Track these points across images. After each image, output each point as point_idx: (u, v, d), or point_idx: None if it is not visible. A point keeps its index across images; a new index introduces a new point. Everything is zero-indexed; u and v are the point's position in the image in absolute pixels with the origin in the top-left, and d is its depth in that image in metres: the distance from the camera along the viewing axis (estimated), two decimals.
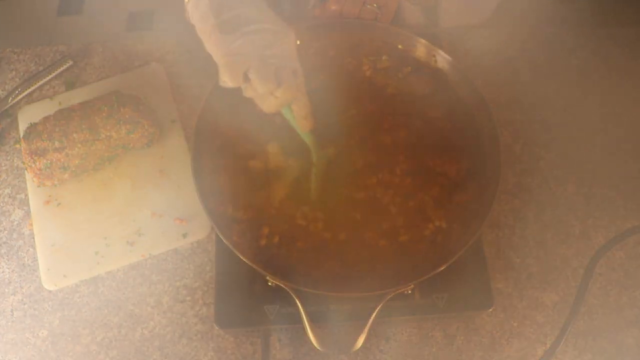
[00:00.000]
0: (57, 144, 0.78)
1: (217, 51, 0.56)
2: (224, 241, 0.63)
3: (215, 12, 0.56)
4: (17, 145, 0.87)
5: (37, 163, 0.78)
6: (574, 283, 0.77)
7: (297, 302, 0.63)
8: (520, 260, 0.79)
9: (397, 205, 0.69)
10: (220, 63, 0.57)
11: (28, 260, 0.79)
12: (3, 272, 0.78)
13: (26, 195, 0.83)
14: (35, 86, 0.90)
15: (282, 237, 0.66)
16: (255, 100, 0.61)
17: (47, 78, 0.91)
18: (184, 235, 0.79)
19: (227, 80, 0.57)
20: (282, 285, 0.63)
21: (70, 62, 0.92)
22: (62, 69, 0.91)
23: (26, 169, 0.80)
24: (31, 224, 0.80)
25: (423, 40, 0.77)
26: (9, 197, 0.83)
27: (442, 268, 0.62)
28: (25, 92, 0.90)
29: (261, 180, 0.70)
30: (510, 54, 0.95)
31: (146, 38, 0.94)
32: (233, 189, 0.70)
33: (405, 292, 0.67)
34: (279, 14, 0.99)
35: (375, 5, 0.79)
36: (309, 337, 0.62)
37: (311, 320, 0.62)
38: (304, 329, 0.62)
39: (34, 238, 0.80)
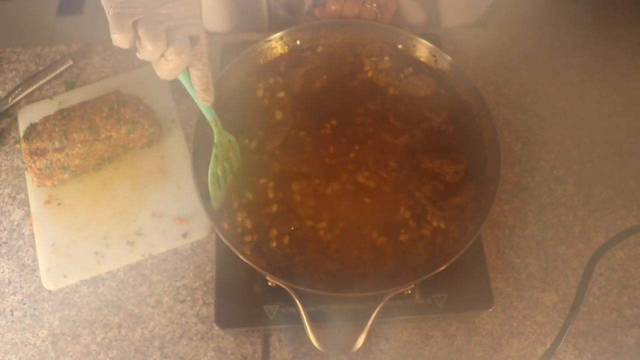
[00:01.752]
0: (57, 144, 0.78)
1: (107, 3, 0.52)
2: (224, 241, 0.63)
3: None
4: (17, 145, 0.87)
5: (37, 163, 0.78)
6: (574, 283, 0.77)
7: (297, 302, 0.62)
8: (520, 260, 0.79)
9: (397, 205, 0.69)
10: (109, 15, 0.52)
11: (28, 260, 0.79)
12: (3, 272, 0.78)
13: (26, 195, 0.83)
14: (35, 86, 0.90)
15: (290, 238, 0.66)
16: (153, 65, 0.56)
17: (47, 78, 0.91)
18: (184, 235, 0.79)
19: (117, 36, 0.52)
20: (282, 285, 0.63)
21: (70, 62, 0.92)
22: (62, 69, 0.91)
23: (26, 169, 0.80)
24: (31, 224, 0.80)
25: (423, 41, 0.77)
26: (9, 197, 0.83)
27: (442, 268, 0.62)
28: (25, 92, 0.90)
29: (261, 180, 0.70)
30: (510, 54, 0.95)
31: None
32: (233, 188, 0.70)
33: (405, 292, 0.67)
34: (274, 18, 0.99)
35: (375, 5, 0.79)
36: (309, 337, 0.62)
37: (311, 320, 0.62)
38: (304, 329, 0.62)
39: (34, 238, 0.80)
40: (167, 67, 0.54)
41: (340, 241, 0.67)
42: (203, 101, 0.61)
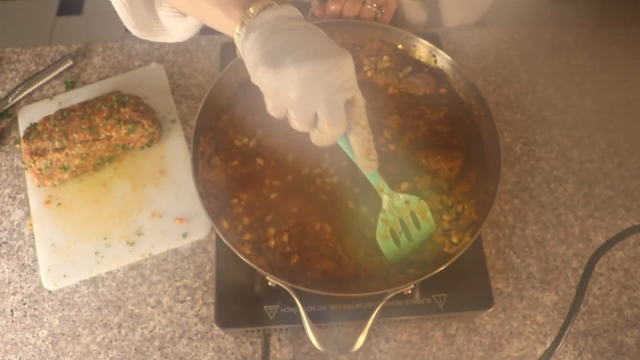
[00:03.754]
0: (57, 144, 0.78)
1: (261, 83, 0.53)
2: (224, 241, 0.63)
3: (260, 44, 0.52)
4: (17, 145, 0.87)
5: (37, 163, 0.78)
6: (574, 283, 0.77)
7: (297, 302, 0.62)
8: (520, 260, 0.79)
9: None
10: (265, 94, 0.54)
11: (28, 260, 0.79)
12: (3, 272, 0.78)
13: (26, 195, 0.83)
14: (35, 86, 0.90)
15: (289, 235, 0.66)
16: (310, 135, 0.56)
17: (47, 78, 0.91)
18: (184, 235, 0.79)
19: (271, 112, 0.54)
20: (282, 285, 0.63)
21: (70, 62, 0.92)
22: (62, 69, 0.91)
23: (26, 169, 0.80)
24: (31, 224, 0.80)
25: (423, 40, 0.77)
26: (9, 197, 0.83)
27: (442, 268, 0.62)
28: (25, 92, 0.90)
29: (262, 180, 0.70)
30: (510, 54, 0.95)
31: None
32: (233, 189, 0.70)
33: (405, 292, 0.67)
34: None
35: (375, 5, 0.79)
36: (309, 337, 0.62)
37: (311, 320, 0.62)
38: (304, 329, 0.62)
39: (34, 238, 0.80)
40: (323, 139, 0.53)
41: (338, 239, 0.67)
42: (366, 167, 0.58)
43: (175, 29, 0.77)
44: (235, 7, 0.55)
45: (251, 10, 0.54)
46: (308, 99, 0.51)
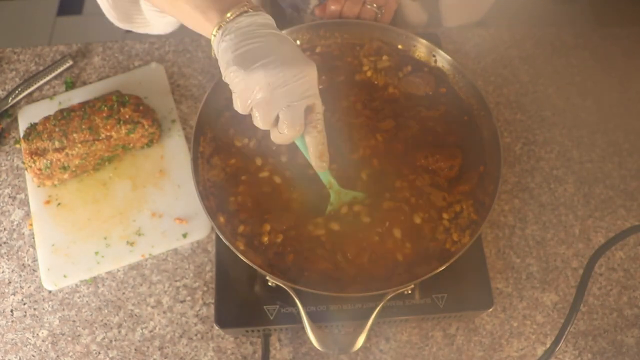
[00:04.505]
0: (57, 144, 0.78)
1: (231, 81, 0.57)
2: (224, 241, 0.63)
3: (233, 46, 0.56)
4: (17, 145, 0.87)
5: (37, 163, 0.78)
6: (574, 283, 0.77)
7: (297, 302, 0.62)
8: (520, 260, 0.79)
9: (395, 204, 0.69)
10: (233, 92, 0.58)
11: (28, 260, 0.79)
12: (3, 272, 0.78)
13: (26, 195, 0.83)
14: (35, 86, 0.90)
15: (285, 236, 0.66)
16: (270, 132, 0.61)
17: (47, 78, 0.91)
18: (184, 235, 0.79)
19: (237, 108, 0.58)
20: (282, 285, 0.63)
21: (70, 62, 0.92)
22: (62, 69, 0.91)
23: (26, 169, 0.80)
24: (31, 224, 0.80)
25: (423, 40, 0.77)
26: (9, 197, 0.83)
27: (442, 268, 0.62)
28: (25, 92, 0.90)
29: (262, 179, 0.70)
30: (510, 54, 0.95)
31: (146, 38, 0.94)
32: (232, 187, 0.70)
33: (405, 292, 0.67)
34: (279, 17, 0.99)
35: (375, 5, 0.79)
36: (309, 337, 0.62)
37: (311, 320, 0.62)
38: (304, 329, 0.62)
39: (34, 238, 0.80)
40: (281, 138, 0.59)
41: (339, 241, 0.67)
42: (318, 167, 0.63)
43: (156, 22, 0.81)
44: (213, 11, 0.58)
45: (228, 15, 0.58)
46: (272, 101, 0.56)
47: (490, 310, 0.71)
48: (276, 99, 0.56)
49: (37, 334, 0.74)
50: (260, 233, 0.66)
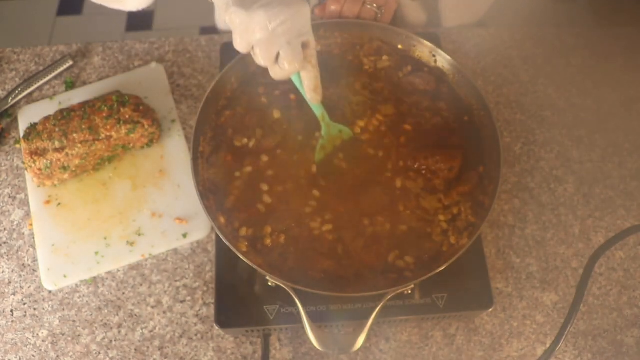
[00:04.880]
0: (57, 144, 0.78)
1: (232, 22, 0.60)
2: (224, 241, 0.63)
3: None
4: (17, 145, 0.87)
5: (37, 163, 0.78)
6: (574, 283, 0.77)
7: (297, 302, 0.62)
8: (520, 260, 0.79)
9: (396, 203, 0.69)
10: (234, 32, 0.61)
11: (28, 260, 0.79)
12: (3, 272, 0.78)
13: (26, 195, 0.83)
14: (35, 86, 0.90)
15: (286, 237, 0.66)
16: (269, 69, 0.64)
17: (47, 78, 0.91)
18: (184, 235, 0.79)
19: (238, 47, 0.61)
20: (282, 285, 0.63)
21: (70, 62, 0.92)
22: (62, 69, 0.91)
23: (26, 169, 0.80)
24: (31, 224, 0.80)
25: (423, 40, 0.77)
26: (9, 197, 0.83)
27: (442, 268, 0.62)
28: (25, 92, 0.90)
29: (261, 178, 0.70)
30: (510, 54, 0.95)
31: (146, 38, 0.95)
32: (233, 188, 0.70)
33: (405, 292, 0.67)
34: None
35: (375, 5, 0.79)
36: (309, 337, 0.62)
37: (311, 320, 0.62)
38: (304, 329, 0.62)
39: (34, 238, 0.80)
40: (282, 73, 0.62)
41: (339, 241, 0.67)
42: (312, 100, 0.67)
43: None
44: None
45: None
46: (273, 40, 0.59)
47: (490, 310, 0.71)
48: (276, 37, 0.59)
49: (37, 334, 0.74)
50: (263, 236, 0.66)
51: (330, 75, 0.73)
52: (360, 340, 0.62)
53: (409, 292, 0.68)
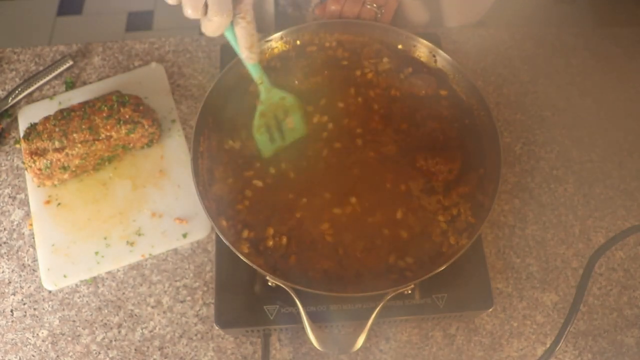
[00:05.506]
0: (57, 144, 0.78)
1: None
2: (224, 241, 0.63)
3: None
4: (17, 145, 0.87)
5: (37, 163, 0.78)
6: (574, 283, 0.77)
7: (297, 302, 0.62)
8: (520, 260, 0.79)
9: (396, 205, 0.69)
10: None
11: (28, 260, 0.79)
12: (3, 272, 0.78)
13: (26, 195, 0.83)
14: (35, 86, 0.90)
15: (289, 237, 0.66)
16: (200, 24, 0.61)
17: (47, 78, 0.91)
18: (184, 235, 0.79)
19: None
20: (282, 285, 0.63)
21: (70, 62, 0.92)
22: (62, 69, 0.91)
23: (26, 169, 0.80)
24: (31, 224, 0.80)
25: (423, 41, 0.77)
26: (9, 197, 0.83)
27: (442, 268, 0.62)
28: (25, 92, 0.90)
29: (262, 180, 0.70)
30: (510, 54, 0.95)
31: (146, 38, 0.95)
32: (233, 188, 0.70)
33: (405, 292, 0.67)
34: (282, 16, 0.99)
35: (375, 5, 0.79)
36: (309, 337, 0.62)
37: (311, 320, 0.62)
38: (304, 329, 0.62)
39: (34, 238, 0.80)
40: (211, 26, 0.58)
41: (339, 241, 0.67)
42: (247, 59, 0.64)
43: None
44: None
45: None
46: None
47: (490, 310, 0.71)
48: None
49: (37, 334, 0.74)
50: (265, 237, 0.66)
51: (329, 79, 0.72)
52: (360, 340, 0.62)
53: (409, 292, 0.68)
